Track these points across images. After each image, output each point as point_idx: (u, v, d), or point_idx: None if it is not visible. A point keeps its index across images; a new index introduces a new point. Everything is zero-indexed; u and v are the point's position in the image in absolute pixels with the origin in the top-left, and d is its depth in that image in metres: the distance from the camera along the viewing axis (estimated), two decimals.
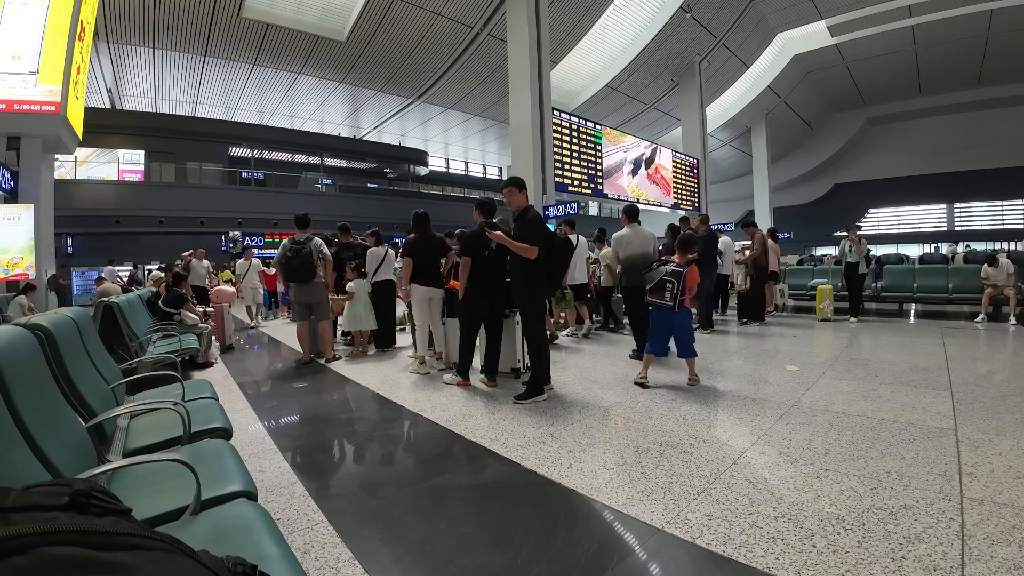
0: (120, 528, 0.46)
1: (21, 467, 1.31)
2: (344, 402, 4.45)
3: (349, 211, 19.65)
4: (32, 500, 0.46)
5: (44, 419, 1.56)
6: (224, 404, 2.73)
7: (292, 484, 2.61)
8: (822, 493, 2.29)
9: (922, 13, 17.07)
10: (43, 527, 0.41)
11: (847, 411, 3.47)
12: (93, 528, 0.44)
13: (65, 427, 1.73)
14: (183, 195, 18.53)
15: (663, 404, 3.79)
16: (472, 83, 18.67)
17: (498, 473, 2.72)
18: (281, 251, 5.81)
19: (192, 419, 2.06)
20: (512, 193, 4.14)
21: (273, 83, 18.41)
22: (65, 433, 1.69)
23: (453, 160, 30.54)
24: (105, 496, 0.51)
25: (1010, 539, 1.88)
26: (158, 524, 1.39)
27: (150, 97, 19.00)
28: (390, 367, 5.58)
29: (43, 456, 1.43)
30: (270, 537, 1.30)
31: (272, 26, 14.43)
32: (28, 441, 1.41)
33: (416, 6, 13.92)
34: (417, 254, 5.23)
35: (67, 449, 1.61)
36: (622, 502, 2.29)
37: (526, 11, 11.11)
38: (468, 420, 3.55)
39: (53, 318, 2.17)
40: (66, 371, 2.07)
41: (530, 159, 10.77)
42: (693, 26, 16.69)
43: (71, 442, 1.69)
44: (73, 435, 1.75)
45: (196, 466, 1.43)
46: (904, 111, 26.01)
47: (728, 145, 27.11)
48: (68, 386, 2.06)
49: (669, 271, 4.34)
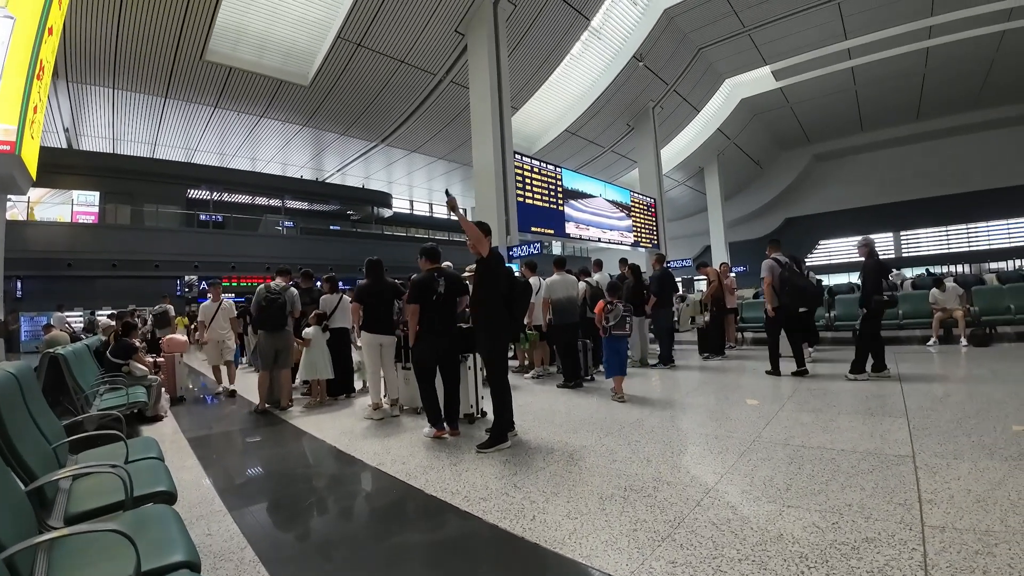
0: None
1: None
2: (300, 456, 4.25)
3: (311, 254, 19.41)
4: None
5: None
6: (172, 461, 2.61)
7: (242, 549, 2.46)
8: (785, 531, 2.27)
9: (861, 55, 18.35)
10: None
11: (807, 444, 3.51)
12: None
13: (4, 491, 1.65)
14: (138, 237, 17.95)
15: (626, 446, 3.75)
16: (436, 127, 19.02)
17: (459, 528, 2.62)
18: (257, 298, 5.89)
19: (135, 482, 2.01)
20: (480, 241, 4.10)
21: (235, 125, 18.30)
22: (4, 497, 1.61)
23: (418, 202, 30.72)
24: None
25: (973, 566, 1.89)
26: None
27: (108, 137, 18.59)
28: (347, 417, 5.40)
29: None
30: None
31: (235, 69, 14.45)
32: None
33: (380, 53, 14.23)
34: (367, 300, 5.23)
35: (6, 514, 1.54)
36: (586, 553, 2.21)
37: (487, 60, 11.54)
38: (429, 472, 3.42)
39: None
40: (6, 432, 1.99)
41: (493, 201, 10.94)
42: (646, 74, 17.60)
43: (10, 507, 1.62)
44: (12, 499, 1.68)
45: (137, 534, 1.41)
46: (848, 146, 27.73)
47: (683, 184, 28.25)
48: (8, 448, 1.99)
49: (623, 309, 5.49)
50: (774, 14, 15.70)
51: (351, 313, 5.62)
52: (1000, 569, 1.86)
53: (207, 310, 7.24)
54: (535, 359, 7.41)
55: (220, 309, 7.20)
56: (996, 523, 2.20)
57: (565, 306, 6.41)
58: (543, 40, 15.03)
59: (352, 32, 13.32)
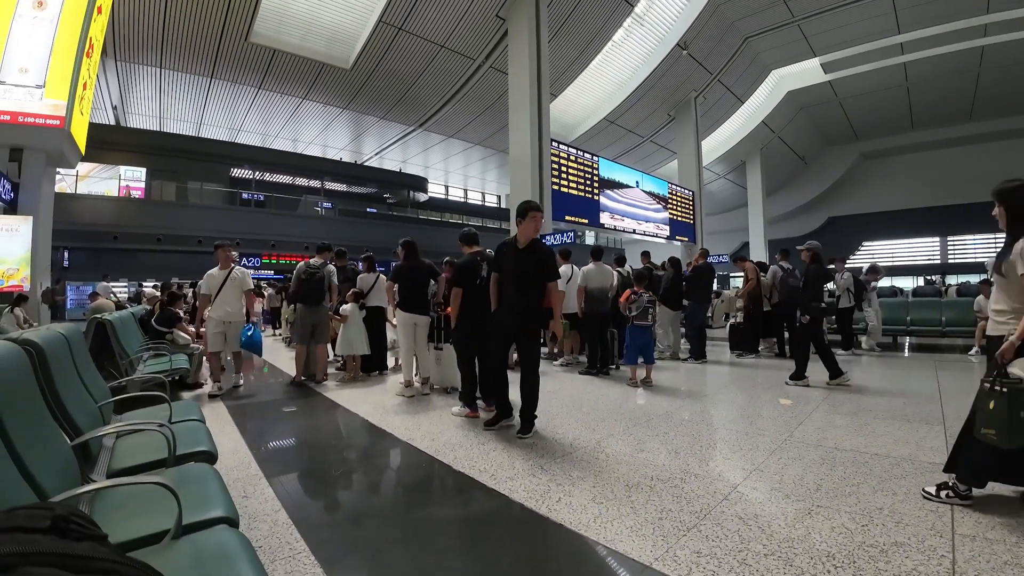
0: (97, 553, 0.47)
1: (5, 485, 1.30)
2: (333, 428, 4.40)
3: (348, 235, 19.80)
4: (16, 522, 0.48)
5: (31, 436, 1.55)
6: (211, 427, 2.71)
7: (276, 512, 2.56)
8: (813, 529, 2.27)
9: (914, 50, 17.56)
10: (25, 548, 0.43)
11: (839, 446, 3.46)
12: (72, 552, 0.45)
13: (51, 445, 1.72)
14: (182, 214, 18.62)
15: (655, 437, 3.77)
16: (473, 113, 19.06)
17: (486, 505, 2.69)
18: (296, 272, 6.11)
19: (177, 442, 2.04)
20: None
21: (278, 107, 18.74)
22: (51, 451, 1.68)
23: (453, 187, 30.93)
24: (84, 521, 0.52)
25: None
26: (138, 547, 1.38)
27: (155, 116, 19.29)
28: (379, 393, 5.55)
29: (28, 474, 1.43)
30: (249, 565, 1.28)
31: (279, 51, 14.77)
32: (14, 458, 1.41)
33: (420, 37, 14.31)
34: (402, 280, 5.35)
35: (52, 467, 1.60)
36: (610, 538, 2.25)
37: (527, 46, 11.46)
38: (457, 450, 3.51)
39: (45, 335, 2.16)
40: (55, 388, 2.05)
41: (528, 188, 10.94)
42: (689, 63, 17.18)
43: (56, 460, 1.68)
44: (58, 453, 1.74)
45: (179, 490, 1.43)
46: (897, 145, 26.54)
47: (724, 178, 27.56)
48: (56, 403, 2.04)
49: (646, 300, 5.60)
50: (825, 4, 15.08)
51: (387, 292, 5.76)
52: None
53: (212, 280, 5.59)
54: (564, 347, 7.44)
55: (229, 279, 5.58)
56: None
57: (597, 296, 6.55)
58: (585, 26, 14.83)
59: (394, 16, 13.42)
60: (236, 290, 5.64)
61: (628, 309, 5.73)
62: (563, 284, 6.98)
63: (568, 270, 7.07)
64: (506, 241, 4.11)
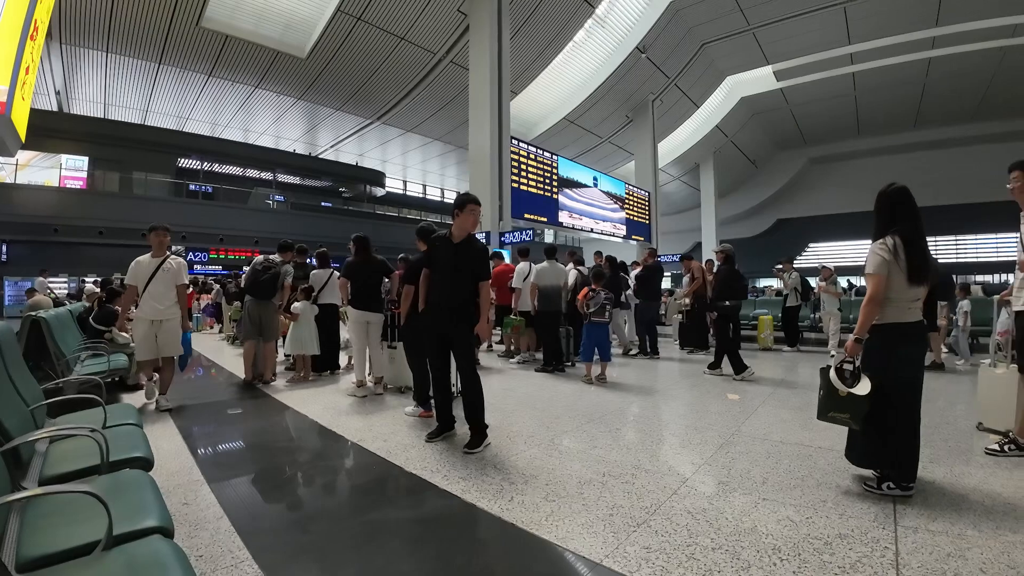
0: None
1: None
2: (281, 431, 4.21)
3: (300, 229, 19.19)
4: None
5: None
6: (151, 430, 2.58)
7: (218, 519, 2.43)
8: (760, 523, 2.30)
9: (863, 61, 18.41)
10: None
11: (786, 440, 3.55)
12: None
13: None
14: (126, 205, 17.51)
15: (608, 433, 3.77)
16: (433, 108, 18.82)
17: (438, 507, 2.61)
18: (253, 264, 5.90)
19: (112, 447, 1.99)
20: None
21: (229, 95, 18.00)
22: None
23: (411, 182, 30.46)
24: None
25: (945, 568, 1.91)
26: (67, 559, 1.37)
27: (100, 102, 18.25)
28: (331, 393, 5.36)
29: None
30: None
31: (231, 37, 14.17)
32: None
33: (380, 28, 13.99)
34: (353, 277, 5.19)
35: None
36: (562, 536, 2.22)
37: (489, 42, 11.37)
38: (410, 450, 3.41)
39: None
40: None
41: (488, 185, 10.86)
42: (647, 66, 17.50)
43: None
44: None
45: (112, 498, 1.41)
46: (844, 151, 27.85)
47: (678, 180, 28.31)
48: None
49: (603, 298, 5.67)
50: (780, 14, 15.66)
51: (340, 289, 5.58)
52: (972, 572, 1.88)
53: (139, 269, 4.55)
54: (521, 344, 7.41)
55: (161, 269, 4.56)
56: (969, 528, 2.23)
57: (550, 294, 6.57)
58: (546, 25, 14.87)
59: (352, 5, 13.08)
60: (168, 283, 4.58)
61: (586, 306, 5.79)
62: (519, 282, 6.96)
63: (525, 268, 7.04)
64: (440, 235, 3.83)
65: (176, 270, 4.63)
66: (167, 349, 4.60)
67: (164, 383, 4.67)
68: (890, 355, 2.61)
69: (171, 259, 4.66)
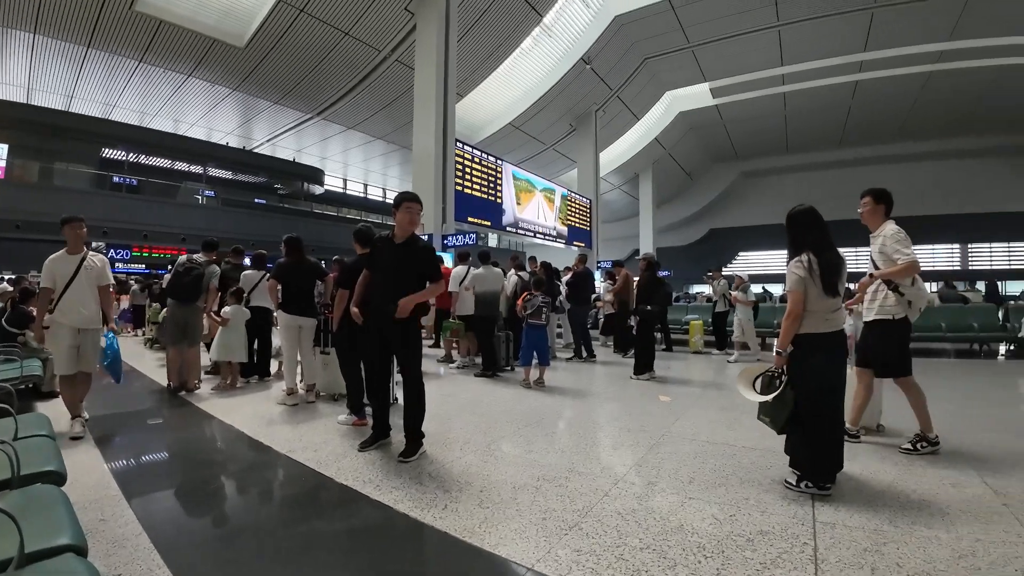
0: None
1: None
2: (205, 441, 3.99)
3: (232, 227, 18.21)
4: None
5: None
6: (66, 442, 2.35)
7: (137, 535, 2.29)
8: (686, 521, 2.37)
9: (794, 82, 19.58)
10: None
11: (712, 439, 3.70)
12: None
13: None
14: (46, 197, 15.78)
15: (544, 437, 3.81)
16: (376, 106, 18.40)
17: (370, 518, 2.54)
18: (176, 265, 5.57)
19: (23, 460, 1.91)
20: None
21: (160, 83, 16.83)
22: None
23: (352, 181, 29.60)
24: None
25: (862, 562, 2.00)
26: None
27: (22, 86, 16.63)
28: (259, 401, 5.11)
29: None
30: None
31: (165, 22, 13.28)
32: None
33: (323, 22, 13.54)
34: (285, 279, 4.98)
35: None
36: (494, 542, 2.21)
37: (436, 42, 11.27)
38: (341, 460, 3.29)
39: None
40: None
41: (432, 187, 10.74)
42: (591, 77, 17.92)
43: None
44: None
45: (22, 515, 1.37)
46: (773, 166, 29.53)
47: (618, 189, 29.12)
48: None
49: (540, 300, 5.91)
50: (718, 34, 16.41)
51: (269, 292, 5.30)
52: (888, 566, 1.98)
53: (57, 267, 3.93)
54: (461, 349, 7.35)
55: (84, 268, 3.98)
56: (885, 523, 2.35)
57: (488, 299, 6.60)
58: (495, 30, 14.90)
59: None
60: (91, 285, 4.00)
61: (524, 309, 5.93)
62: (455, 286, 6.88)
63: (462, 271, 7.01)
64: (382, 235, 3.73)
65: (100, 269, 4.09)
66: (87, 362, 3.98)
67: (75, 397, 3.96)
68: (804, 364, 2.77)
69: (92, 256, 4.10)
